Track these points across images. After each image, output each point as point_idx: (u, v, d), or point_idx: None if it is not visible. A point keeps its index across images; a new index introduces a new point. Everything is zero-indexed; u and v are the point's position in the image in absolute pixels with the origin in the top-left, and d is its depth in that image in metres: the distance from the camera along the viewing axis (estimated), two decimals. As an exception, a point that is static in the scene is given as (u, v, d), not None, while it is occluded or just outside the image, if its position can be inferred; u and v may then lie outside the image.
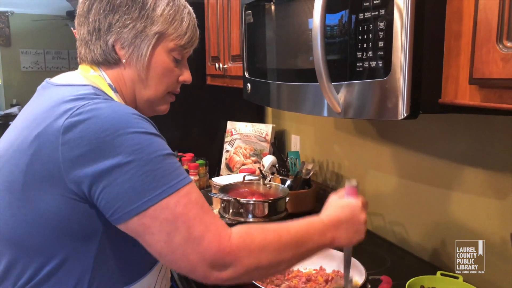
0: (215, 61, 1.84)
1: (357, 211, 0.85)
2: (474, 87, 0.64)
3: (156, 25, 0.81)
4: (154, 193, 0.67)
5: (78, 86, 0.77)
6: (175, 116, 2.10)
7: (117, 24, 0.80)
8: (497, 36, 0.58)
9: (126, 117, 0.70)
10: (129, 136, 0.68)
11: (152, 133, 0.71)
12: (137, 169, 0.67)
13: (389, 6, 0.69)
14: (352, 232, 0.85)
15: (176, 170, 0.71)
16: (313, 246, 0.79)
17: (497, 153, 1.01)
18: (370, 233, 1.43)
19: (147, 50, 0.82)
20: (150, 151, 0.69)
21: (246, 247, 0.71)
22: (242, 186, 1.38)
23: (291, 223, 0.80)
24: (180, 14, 0.84)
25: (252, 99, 1.31)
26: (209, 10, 1.88)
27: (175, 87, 0.91)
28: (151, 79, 0.85)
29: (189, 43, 0.87)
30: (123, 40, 0.81)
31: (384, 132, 1.39)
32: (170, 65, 0.86)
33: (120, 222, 0.68)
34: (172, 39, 0.84)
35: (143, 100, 0.87)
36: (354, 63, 0.78)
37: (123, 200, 0.67)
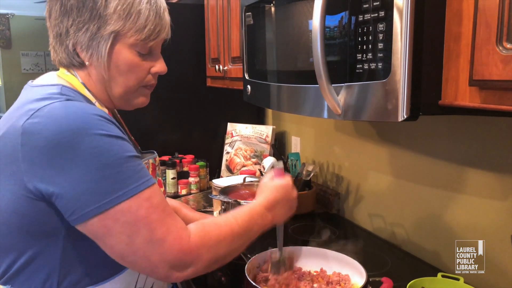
0: (215, 63, 1.84)
1: (289, 189, 0.95)
2: (474, 89, 0.64)
3: (110, 24, 0.77)
4: (113, 195, 0.68)
5: (47, 86, 0.78)
6: (176, 118, 2.11)
7: (72, 28, 0.78)
8: (497, 38, 0.58)
9: (85, 118, 0.69)
10: (87, 138, 0.68)
11: (114, 135, 0.71)
12: (95, 172, 0.67)
13: (388, 8, 0.69)
14: (287, 208, 0.94)
15: (137, 173, 0.71)
16: (258, 229, 0.87)
17: (498, 154, 1.01)
18: (370, 235, 1.43)
19: (105, 51, 0.79)
20: (109, 154, 0.69)
21: (204, 244, 0.74)
22: (242, 188, 1.38)
23: (236, 213, 0.86)
24: (136, 7, 0.79)
25: (252, 101, 1.31)
26: (209, 12, 1.88)
27: (148, 80, 0.86)
28: (117, 77, 0.82)
29: (152, 35, 0.81)
30: (81, 43, 0.79)
31: (384, 134, 1.39)
32: (135, 60, 0.81)
33: (78, 222, 0.69)
34: (131, 35, 0.79)
35: (116, 97, 0.85)
36: (354, 64, 0.78)
37: (82, 201, 0.68)
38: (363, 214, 1.51)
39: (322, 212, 1.64)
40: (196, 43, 2.03)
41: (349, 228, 1.53)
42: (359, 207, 1.53)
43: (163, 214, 0.72)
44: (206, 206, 1.75)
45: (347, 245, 1.36)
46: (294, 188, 0.97)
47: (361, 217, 1.52)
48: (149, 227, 0.70)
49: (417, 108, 0.69)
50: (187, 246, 0.72)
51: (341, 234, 1.46)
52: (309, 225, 1.53)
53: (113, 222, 0.68)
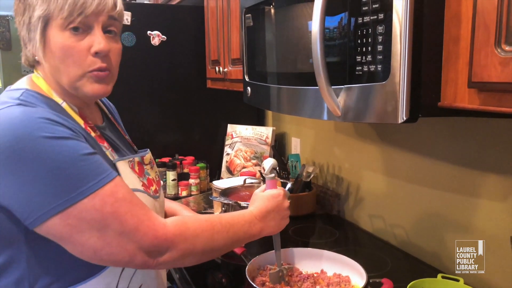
0: (215, 64, 1.84)
1: (280, 200, 0.95)
2: (473, 91, 0.64)
3: (36, 10, 0.76)
4: (69, 195, 0.67)
5: (11, 91, 0.78)
6: (176, 119, 2.11)
7: (19, 25, 0.80)
8: (495, 40, 0.58)
9: (29, 122, 0.68)
10: (31, 143, 0.67)
11: (63, 137, 0.70)
12: (45, 175, 0.67)
13: (388, 10, 0.69)
14: (279, 219, 0.95)
15: (94, 171, 0.71)
16: (244, 235, 0.88)
17: (497, 155, 1.01)
18: (370, 236, 1.44)
19: (38, 38, 0.77)
20: (59, 156, 0.68)
21: (181, 233, 0.76)
22: (242, 189, 1.38)
23: (223, 214, 0.88)
24: None
25: (252, 102, 1.31)
26: (209, 13, 1.88)
27: (91, 62, 0.78)
28: (57, 65, 0.78)
29: (75, 9, 0.75)
30: (26, 39, 0.80)
31: (384, 135, 1.39)
32: (67, 42, 0.76)
33: (35, 225, 0.68)
34: (56, 15, 0.75)
35: (68, 87, 0.80)
36: (354, 66, 0.78)
37: (34, 204, 0.67)
38: (364, 215, 1.51)
39: (322, 213, 1.64)
40: (196, 45, 2.03)
41: (349, 230, 1.54)
42: (359, 208, 1.53)
43: (131, 205, 0.72)
44: (206, 208, 1.75)
45: (348, 246, 1.36)
46: (285, 199, 0.97)
47: (361, 218, 1.53)
48: (119, 220, 0.70)
49: (417, 110, 0.70)
50: (162, 232, 0.73)
51: (341, 235, 1.46)
52: (310, 227, 1.53)
53: (78, 221, 0.68)
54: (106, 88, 0.82)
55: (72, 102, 0.82)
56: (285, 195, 0.98)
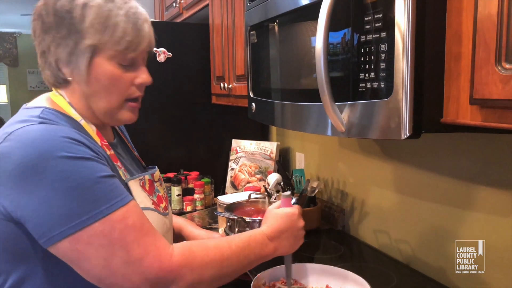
0: (220, 80, 1.87)
1: (295, 219, 0.92)
2: (475, 107, 0.65)
3: (88, 38, 0.77)
4: (81, 218, 0.67)
5: (30, 109, 0.79)
6: (181, 135, 2.13)
7: (52, 44, 0.79)
8: (496, 58, 0.59)
9: (52, 141, 0.69)
10: (53, 162, 0.67)
11: (83, 157, 0.70)
12: (62, 195, 0.67)
13: (390, 28, 0.71)
14: (292, 239, 0.91)
15: (109, 194, 0.70)
16: (255, 258, 0.85)
17: (501, 171, 1.01)
18: (375, 251, 1.43)
19: (84, 65, 0.78)
20: (77, 176, 0.68)
21: (188, 264, 0.73)
22: (247, 205, 1.38)
23: (233, 238, 0.85)
24: (112, 19, 0.78)
25: (256, 118, 1.33)
26: (214, 31, 1.91)
27: (132, 92, 0.84)
28: (99, 91, 0.81)
29: (131, 47, 0.79)
30: (62, 59, 0.79)
31: (389, 150, 1.40)
32: (116, 73, 0.80)
33: (48, 245, 0.69)
34: (109, 47, 0.78)
35: (101, 112, 0.83)
36: (357, 83, 0.79)
37: (48, 224, 0.67)
38: (368, 230, 1.51)
39: (327, 228, 1.64)
40: (201, 62, 2.06)
41: (354, 245, 1.53)
42: (364, 223, 1.53)
43: (139, 234, 0.71)
44: (211, 223, 1.75)
45: (353, 262, 1.36)
46: (300, 218, 0.94)
47: (366, 233, 1.52)
48: (125, 248, 0.69)
49: (420, 126, 0.71)
50: (168, 264, 0.71)
51: (346, 251, 1.46)
52: (314, 242, 1.53)
53: (86, 246, 0.68)
54: (137, 115, 0.89)
55: (91, 121, 0.84)
56: (300, 214, 0.94)
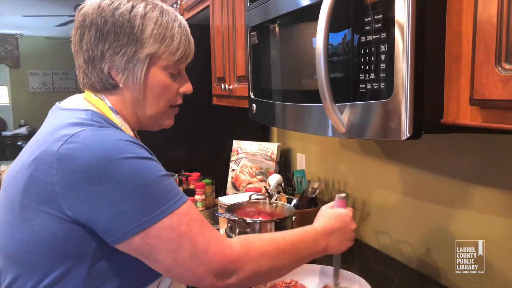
0: (221, 81, 1.87)
1: (347, 220, 0.94)
2: (475, 108, 0.65)
3: (147, 47, 0.81)
4: (152, 214, 0.71)
5: (77, 111, 0.80)
6: (182, 136, 2.13)
7: (108, 51, 0.81)
8: (496, 59, 0.59)
9: (118, 143, 0.73)
10: (122, 162, 0.71)
11: (146, 157, 0.74)
12: (132, 193, 0.70)
13: (390, 29, 0.71)
14: (343, 239, 0.94)
15: (173, 191, 0.74)
16: (308, 253, 0.86)
17: (501, 171, 1.01)
18: (376, 252, 1.43)
19: (142, 73, 0.82)
20: (145, 175, 0.72)
21: (247, 254, 0.76)
22: (248, 206, 1.39)
23: (286, 232, 0.86)
24: (170, 31, 0.84)
25: (257, 119, 1.33)
26: (215, 32, 1.92)
27: (176, 100, 0.91)
28: (150, 98, 0.86)
29: (183, 57, 0.87)
30: (117, 66, 0.82)
31: (389, 151, 1.40)
32: (167, 82, 0.86)
33: (119, 242, 0.71)
34: (165, 57, 0.84)
35: (147, 118, 0.88)
36: (357, 84, 0.79)
37: (121, 222, 0.70)
38: (369, 231, 1.51)
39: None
40: (202, 63, 2.06)
41: (355, 245, 1.52)
42: (365, 224, 1.53)
43: (202, 226, 0.75)
44: (212, 224, 1.75)
45: (353, 263, 1.36)
46: (353, 221, 0.96)
47: (367, 234, 1.52)
48: (192, 240, 0.73)
49: (420, 127, 0.71)
50: (230, 253, 0.74)
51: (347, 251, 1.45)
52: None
53: (156, 240, 0.71)
54: (173, 121, 0.95)
55: (130, 126, 0.87)
56: (353, 217, 0.97)
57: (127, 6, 0.81)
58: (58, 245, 0.74)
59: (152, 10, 0.83)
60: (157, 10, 0.84)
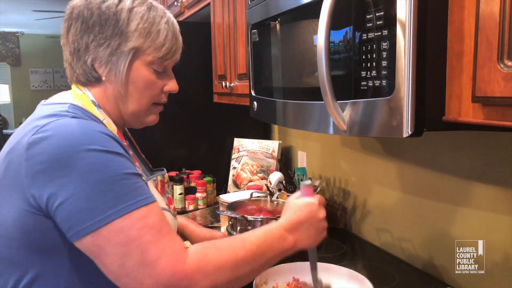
0: (221, 79, 1.87)
1: (315, 210, 0.86)
2: (477, 105, 0.65)
3: (131, 41, 0.80)
4: (105, 213, 0.67)
5: (56, 105, 0.79)
6: (183, 134, 2.13)
7: (93, 43, 0.80)
8: (498, 56, 0.59)
9: (86, 134, 0.70)
10: (86, 154, 0.68)
11: (114, 151, 0.71)
12: (90, 188, 0.67)
13: (391, 27, 0.71)
14: (313, 232, 0.85)
15: (134, 191, 0.70)
16: (274, 254, 0.80)
17: (503, 169, 1.01)
18: (377, 249, 1.43)
19: (124, 66, 0.81)
20: (106, 170, 0.69)
21: (201, 269, 0.70)
22: (249, 203, 1.39)
23: (247, 235, 0.80)
24: (156, 26, 0.82)
25: (258, 117, 1.33)
26: (216, 29, 1.91)
27: (160, 97, 0.88)
28: (133, 93, 0.84)
29: (169, 54, 0.85)
30: (100, 58, 0.81)
31: (390, 148, 1.40)
32: (151, 78, 0.84)
33: (74, 240, 0.69)
34: (149, 53, 0.82)
35: (128, 114, 0.86)
36: (359, 82, 0.79)
37: (76, 218, 0.67)
38: (370, 229, 1.51)
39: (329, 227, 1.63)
40: (203, 60, 2.06)
41: (356, 243, 1.53)
42: (366, 222, 1.53)
43: (158, 235, 0.69)
44: (213, 222, 1.75)
45: (355, 260, 1.36)
46: (321, 208, 0.88)
47: (368, 232, 1.52)
48: (141, 249, 0.68)
49: (422, 124, 0.70)
50: (181, 269, 0.69)
51: (348, 249, 1.46)
52: (316, 240, 1.53)
53: (105, 242, 0.67)
54: (158, 119, 0.92)
55: (113, 121, 0.85)
56: (320, 204, 0.88)
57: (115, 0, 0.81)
58: (32, 240, 0.72)
59: (139, 5, 0.82)
60: (145, 5, 0.83)
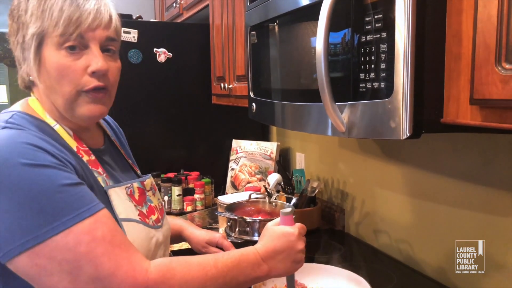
0: (220, 81, 1.87)
1: (293, 240, 0.82)
2: (475, 107, 0.65)
3: (31, 27, 0.72)
4: (41, 230, 0.62)
5: (5, 113, 0.76)
6: (181, 135, 2.13)
7: (13, 45, 0.77)
8: (496, 58, 0.59)
9: (11, 147, 0.65)
10: (10, 170, 0.63)
11: (41, 164, 0.65)
12: (19, 206, 0.62)
13: (390, 29, 0.71)
14: (289, 262, 0.82)
15: (73, 203, 0.65)
16: (245, 279, 0.77)
17: (501, 170, 1.01)
18: (376, 251, 1.43)
19: (33, 56, 0.73)
20: (34, 186, 0.63)
21: (165, 282, 0.67)
22: (248, 205, 1.39)
23: (222, 256, 0.76)
24: (48, 1, 0.72)
25: (257, 118, 1.33)
26: (215, 31, 1.92)
27: (85, 82, 0.75)
28: (53, 85, 0.75)
29: (71, 25, 0.72)
30: (19, 59, 0.77)
31: (389, 150, 1.40)
32: (63, 61, 0.73)
33: (5, 260, 0.63)
34: (51, 33, 0.72)
35: (61, 109, 0.77)
36: (357, 84, 0.79)
37: (6, 237, 0.62)
38: (368, 230, 1.51)
39: (327, 228, 1.64)
40: (202, 62, 2.07)
41: (354, 245, 1.53)
42: (364, 223, 1.54)
43: (110, 247, 0.65)
44: (211, 223, 1.75)
45: (353, 262, 1.36)
46: (300, 240, 0.83)
47: (366, 233, 1.53)
48: (94, 263, 0.63)
49: (420, 126, 0.71)
50: (142, 279, 0.65)
51: (346, 251, 1.46)
52: (315, 242, 1.53)
53: (48, 261, 0.62)
54: (103, 108, 0.78)
55: (67, 125, 0.79)
56: (300, 235, 0.84)
57: None
58: None
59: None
60: None
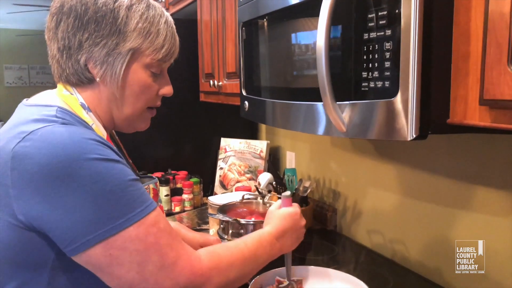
0: (209, 78, 1.83)
1: (297, 218, 0.95)
2: (484, 108, 0.63)
3: (130, 41, 0.76)
4: (116, 222, 0.65)
5: (41, 107, 0.74)
6: (168, 134, 2.08)
7: (87, 42, 0.75)
8: (508, 58, 0.57)
9: (82, 143, 0.66)
10: (85, 163, 0.64)
11: (112, 159, 0.68)
12: (95, 198, 0.64)
13: (395, 26, 0.69)
14: (295, 238, 0.95)
15: (140, 197, 0.69)
16: (267, 257, 0.87)
17: (500, 171, 1.01)
18: (370, 251, 1.42)
19: (121, 68, 0.77)
20: (109, 179, 0.66)
21: (215, 266, 0.74)
22: (240, 206, 1.36)
23: (246, 238, 0.86)
24: (156, 26, 0.79)
25: (249, 117, 1.30)
26: (203, 27, 1.87)
27: (155, 101, 0.86)
28: (128, 97, 0.80)
29: (168, 55, 0.82)
30: (95, 58, 0.76)
31: (382, 149, 1.39)
32: (148, 81, 0.80)
33: (76, 253, 0.65)
34: (148, 54, 0.78)
35: (121, 118, 0.83)
36: (360, 82, 0.77)
37: (80, 229, 0.64)
38: (362, 230, 1.50)
39: (319, 228, 1.63)
40: (189, 58, 2.02)
41: (347, 245, 1.52)
42: (357, 223, 1.52)
43: (170, 238, 0.71)
44: (200, 224, 1.72)
45: (347, 263, 1.35)
46: (302, 217, 0.97)
47: (359, 233, 1.51)
48: (160, 252, 0.68)
49: (427, 127, 0.69)
50: (198, 268, 0.71)
51: (340, 251, 1.44)
52: (306, 242, 1.51)
53: (120, 251, 0.65)
54: (149, 125, 0.90)
55: (102, 126, 0.81)
56: (301, 213, 0.97)
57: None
58: (13, 254, 0.68)
59: (138, 3, 0.78)
60: (144, 3, 0.79)
